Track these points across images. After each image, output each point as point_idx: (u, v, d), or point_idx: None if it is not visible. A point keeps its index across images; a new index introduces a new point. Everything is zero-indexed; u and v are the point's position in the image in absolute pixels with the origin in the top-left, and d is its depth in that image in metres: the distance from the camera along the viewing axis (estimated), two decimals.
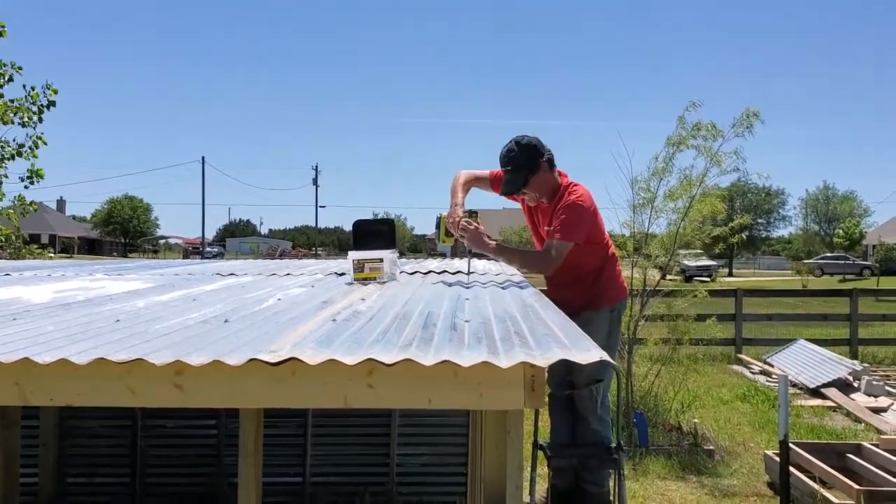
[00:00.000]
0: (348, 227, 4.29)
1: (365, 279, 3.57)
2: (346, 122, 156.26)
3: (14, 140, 10.34)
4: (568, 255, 3.86)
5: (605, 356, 1.67)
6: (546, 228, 4.01)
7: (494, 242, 3.85)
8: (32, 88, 10.34)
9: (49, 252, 12.35)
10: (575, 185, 4.03)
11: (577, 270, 4.00)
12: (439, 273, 4.21)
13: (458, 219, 3.83)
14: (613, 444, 3.99)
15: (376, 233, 3.77)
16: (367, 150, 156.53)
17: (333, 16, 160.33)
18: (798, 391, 9.90)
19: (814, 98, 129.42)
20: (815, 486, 5.33)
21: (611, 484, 4.16)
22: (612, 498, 4.09)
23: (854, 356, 12.12)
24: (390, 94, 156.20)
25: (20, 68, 10.26)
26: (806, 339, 12.06)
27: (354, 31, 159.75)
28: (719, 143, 7.27)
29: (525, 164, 3.93)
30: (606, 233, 4.28)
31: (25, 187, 10.52)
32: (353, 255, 3.65)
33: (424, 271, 4.29)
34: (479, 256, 4.09)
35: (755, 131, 7.10)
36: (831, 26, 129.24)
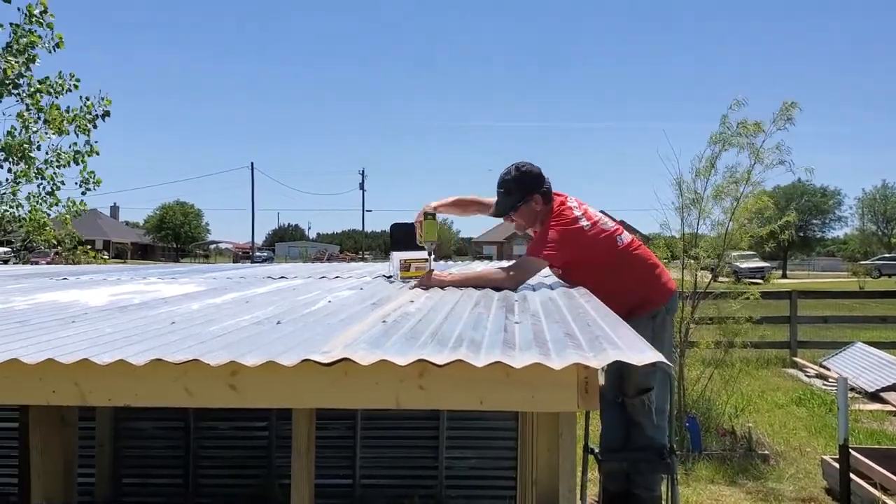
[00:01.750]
0: None
1: (411, 278, 3.64)
2: (393, 126, 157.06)
3: (71, 147, 10.62)
4: (577, 274, 3.84)
5: (661, 357, 1.64)
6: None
7: (450, 277, 3.77)
8: (87, 99, 10.62)
9: (104, 255, 12.64)
10: (564, 209, 3.97)
11: (596, 284, 3.75)
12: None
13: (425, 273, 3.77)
14: (666, 449, 3.93)
15: (413, 234, 3.84)
16: (413, 153, 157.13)
17: (378, 14, 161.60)
18: (856, 395, 9.64)
19: (873, 96, 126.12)
20: (877, 492, 5.18)
21: (663, 489, 4.09)
22: (664, 502, 4.03)
23: None
24: (437, 96, 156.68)
25: (78, 81, 10.54)
26: (864, 342, 11.74)
27: (403, 36, 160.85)
28: (762, 139, 7.15)
29: (516, 191, 3.96)
30: (625, 241, 4.08)
31: (83, 193, 10.80)
32: (398, 255, 3.74)
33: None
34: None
35: (807, 129, 6.99)
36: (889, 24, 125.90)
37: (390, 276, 4.19)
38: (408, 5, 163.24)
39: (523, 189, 3.96)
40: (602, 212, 4.26)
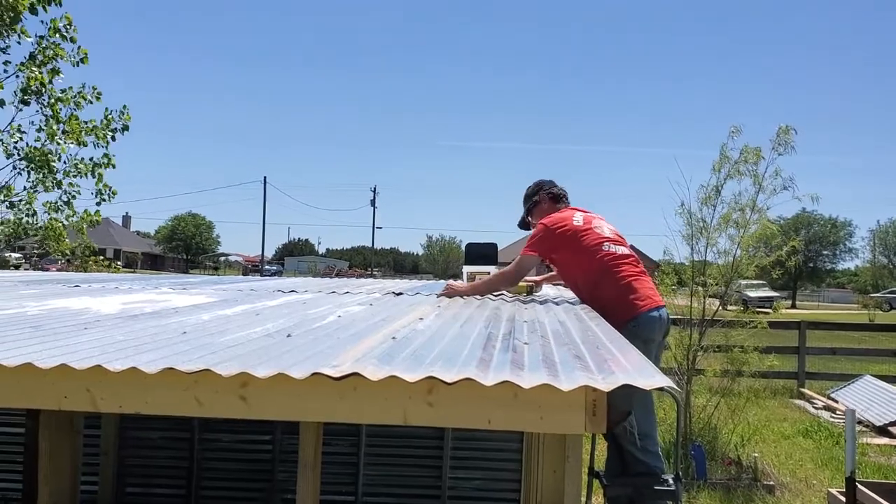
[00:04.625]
0: (404, 249, 5.19)
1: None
2: (403, 143, 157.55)
3: (91, 159, 10.73)
4: (566, 272, 4.34)
5: (670, 382, 1.65)
6: None
7: (463, 287, 4.35)
8: (109, 112, 10.74)
9: (117, 264, 12.73)
10: (563, 212, 4.39)
11: (574, 286, 4.30)
12: (496, 295, 4.21)
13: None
14: (671, 476, 3.90)
15: (483, 254, 4.82)
16: (422, 171, 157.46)
17: (393, 31, 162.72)
18: (864, 429, 9.56)
19: (884, 127, 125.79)
20: None
21: None
22: None
23: None
24: (447, 115, 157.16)
25: (100, 94, 10.66)
26: (872, 375, 11.66)
27: (417, 55, 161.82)
28: (764, 166, 7.18)
29: (528, 198, 4.61)
30: (615, 251, 4.16)
31: (98, 204, 10.88)
32: (468, 269, 4.66)
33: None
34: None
35: (820, 159, 7.04)
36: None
37: (400, 294, 4.25)
38: (424, 17, 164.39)
39: (531, 194, 4.58)
40: (619, 235, 4.32)
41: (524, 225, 4.70)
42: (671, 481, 3.83)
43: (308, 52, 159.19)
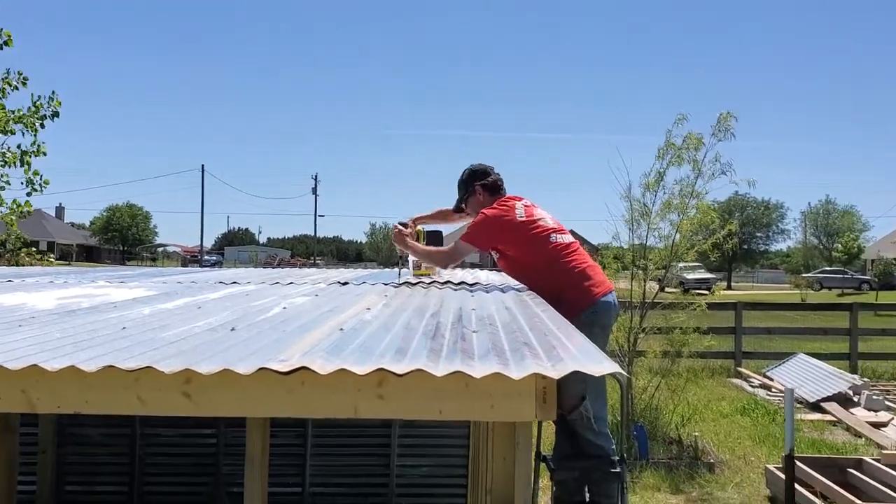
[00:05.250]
0: (347, 237, 4.95)
1: (422, 275, 4.35)
2: (345, 132, 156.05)
3: (19, 147, 10.34)
4: (512, 265, 4.27)
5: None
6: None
7: (410, 241, 4.39)
8: (38, 98, 10.37)
9: (51, 257, 12.32)
10: (504, 201, 4.33)
11: (524, 278, 4.14)
12: (443, 283, 4.20)
13: (394, 227, 4.51)
14: (616, 457, 3.96)
15: (428, 241, 4.59)
16: (365, 159, 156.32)
17: (334, 22, 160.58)
18: (798, 405, 9.88)
19: (819, 114, 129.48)
20: (817, 500, 5.32)
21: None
22: None
23: (854, 370, 12.12)
24: (389, 104, 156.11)
25: (26, 80, 10.29)
26: (806, 353, 12.05)
27: (355, 41, 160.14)
28: (704, 152, 7.34)
29: (462, 186, 4.50)
30: (561, 240, 4.19)
31: (28, 194, 10.50)
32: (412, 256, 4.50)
33: (434, 280, 4.29)
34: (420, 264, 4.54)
35: (754, 144, 7.24)
36: (836, 44, 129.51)
37: (345, 283, 4.19)
38: (363, 4, 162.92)
39: (467, 183, 4.46)
40: (559, 223, 4.32)
41: (458, 210, 4.63)
42: (615, 463, 3.90)
43: (247, 41, 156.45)
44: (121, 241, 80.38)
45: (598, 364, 1.68)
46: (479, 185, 4.41)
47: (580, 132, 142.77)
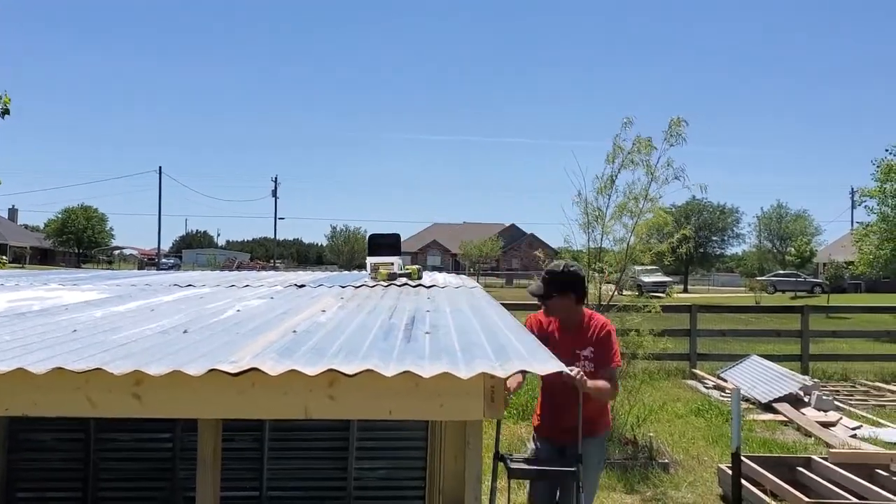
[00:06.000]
0: (307, 240, 4.93)
1: (380, 278, 4.41)
2: (305, 134, 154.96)
3: None
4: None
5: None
6: (577, 350, 4.19)
7: (590, 382, 3.99)
8: None
9: (3, 259, 12.08)
10: (598, 315, 4.42)
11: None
12: (400, 285, 4.23)
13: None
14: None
15: (386, 244, 4.80)
16: (326, 162, 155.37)
17: (294, 23, 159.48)
18: (751, 406, 10.08)
19: (773, 120, 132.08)
20: (767, 498, 5.43)
21: None
22: None
23: (805, 371, 12.38)
24: (349, 106, 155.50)
25: None
26: (758, 355, 12.29)
27: (316, 42, 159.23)
28: (657, 156, 7.47)
29: (561, 285, 4.24)
30: None
31: None
32: (371, 259, 4.67)
33: (386, 283, 4.31)
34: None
35: (708, 150, 7.39)
36: (791, 50, 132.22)
37: (302, 286, 4.20)
38: (325, 7, 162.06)
39: (573, 286, 4.27)
40: None
41: (546, 297, 4.30)
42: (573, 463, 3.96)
43: (206, 43, 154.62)
44: (76, 243, 78.91)
45: (543, 363, 1.73)
46: (576, 296, 4.29)
47: (539, 137, 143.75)
